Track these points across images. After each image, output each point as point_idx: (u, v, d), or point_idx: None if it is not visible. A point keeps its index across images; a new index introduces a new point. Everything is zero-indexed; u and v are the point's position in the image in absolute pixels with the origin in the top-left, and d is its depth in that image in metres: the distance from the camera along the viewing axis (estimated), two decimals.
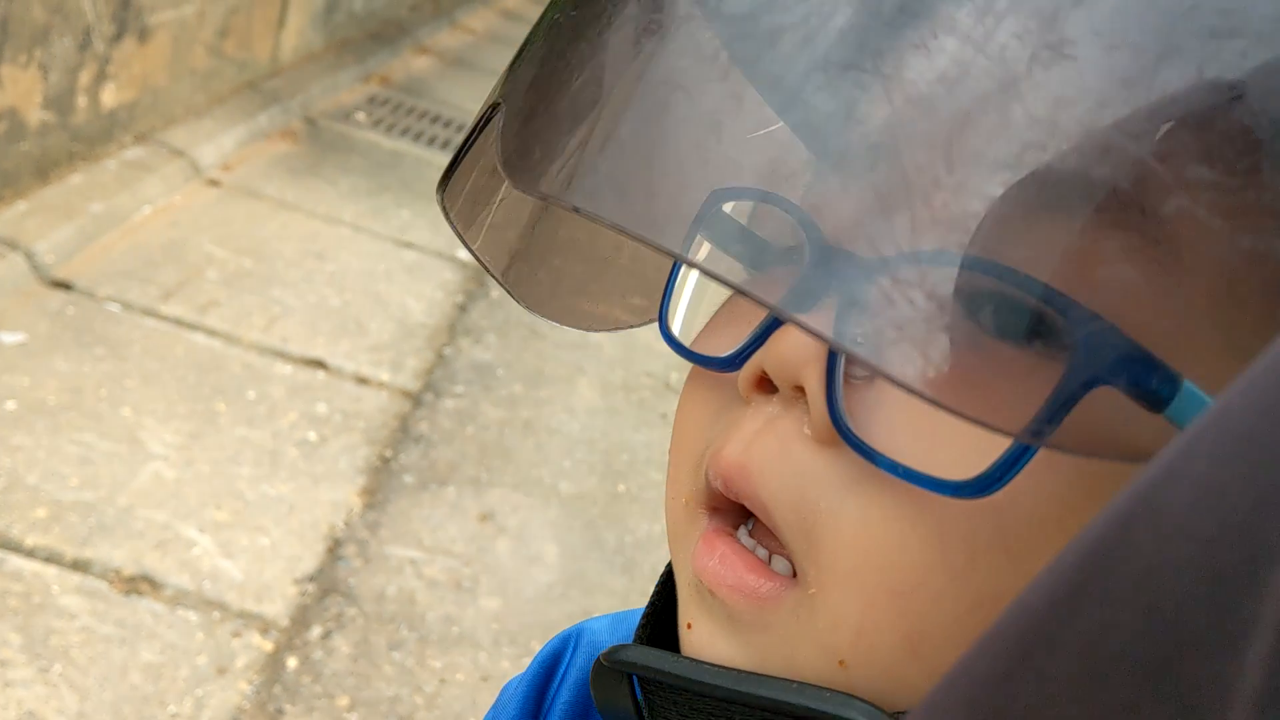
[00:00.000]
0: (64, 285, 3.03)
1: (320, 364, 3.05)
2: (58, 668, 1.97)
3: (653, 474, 3.00)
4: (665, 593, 0.44)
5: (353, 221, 3.93)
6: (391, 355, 3.20)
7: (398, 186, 4.33)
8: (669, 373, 3.53)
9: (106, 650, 2.04)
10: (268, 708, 2.04)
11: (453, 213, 0.42)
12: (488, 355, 3.38)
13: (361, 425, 2.85)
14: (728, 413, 0.39)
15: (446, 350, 3.33)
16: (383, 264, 3.71)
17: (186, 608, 2.17)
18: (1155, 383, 0.30)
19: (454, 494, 2.71)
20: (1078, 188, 0.29)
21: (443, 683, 2.20)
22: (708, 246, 0.34)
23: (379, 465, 2.73)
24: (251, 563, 2.32)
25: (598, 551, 2.66)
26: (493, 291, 3.74)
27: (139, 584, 2.19)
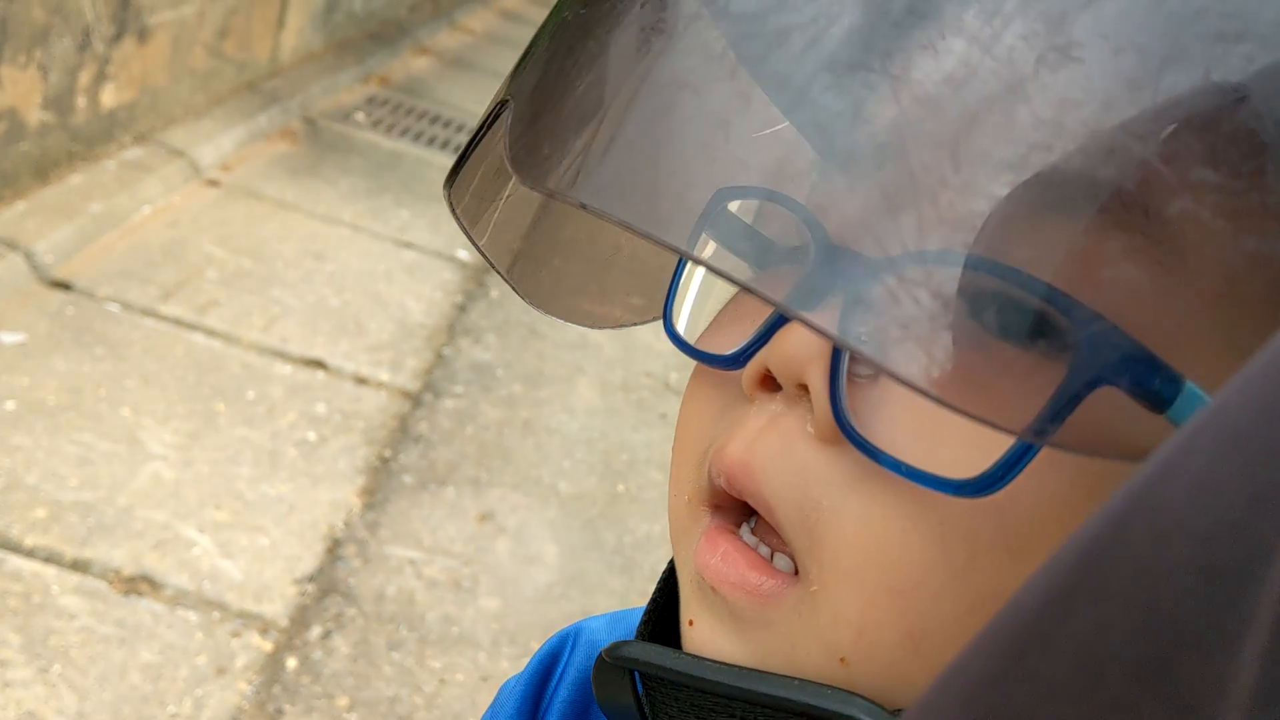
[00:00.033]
0: (63, 285, 3.03)
1: (319, 364, 3.05)
2: (57, 668, 1.97)
3: (652, 474, 3.00)
4: (667, 590, 0.44)
5: (352, 221, 3.93)
6: (391, 355, 3.20)
7: (397, 187, 4.33)
8: (668, 373, 3.53)
9: (106, 650, 2.03)
10: (267, 708, 2.04)
11: (459, 209, 0.42)
12: (487, 355, 3.38)
13: (361, 425, 2.85)
14: (731, 411, 0.39)
15: (446, 350, 3.33)
16: (382, 264, 3.71)
17: (186, 608, 2.17)
18: (1158, 383, 0.30)
19: (453, 494, 2.71)
20: (1082, 188, 0.30)
21: (442, 683, 2.20)
22: (713, 245, 0.35)
23: (378, 465, 2.73)
24: (251, 563, 2.32)
25: (597, 551, 2.66)
26: (492, 291, 3.74)
27: (138, 584, 2.19)
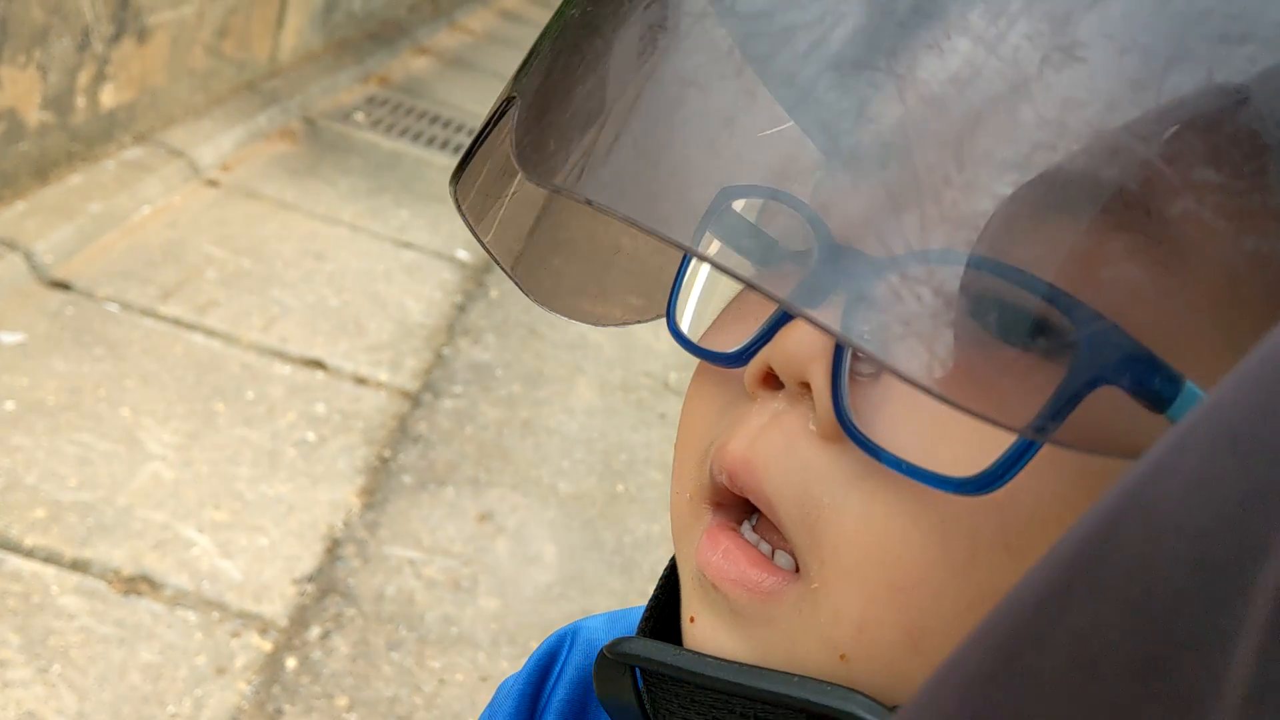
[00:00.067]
0: (63, 285, 3.03)
1: (319, 364, 3.05)
2: (57, 668, 1.97)
3: (651, 474, 3.00)
4: (668, 587, 0.44)
5: (351, 222, 3.93)
6: (390, 355, 3.20)
7: (396, 187, 4.33)
8: (668, 373, 3.53)
9: (105, 650, 2.03)
10: (267, 708, 2.04)
11: (465, 205, 0.43)
12: (486, 355, 3.38)
13: (360, 425, 2.85)
14: (733, 408, 0.39)
15: (445, 350, 3.33)
16: (381, 264, 3.71)
17: (185, 608, 2.17)
18: (1157, 383, 0.30)
19: (453, 494, 2.71)
20: (1085, 188, 0.30)
21: (441, 683, 2.20)
22: (717, 243, 0.35)
23: (378, 465, 2.73)
24: (250, 563, 2.32)
25: (596, 551, 2.66)
26: (491, 291, 3.74)
27: (138, 584, 2.19)
